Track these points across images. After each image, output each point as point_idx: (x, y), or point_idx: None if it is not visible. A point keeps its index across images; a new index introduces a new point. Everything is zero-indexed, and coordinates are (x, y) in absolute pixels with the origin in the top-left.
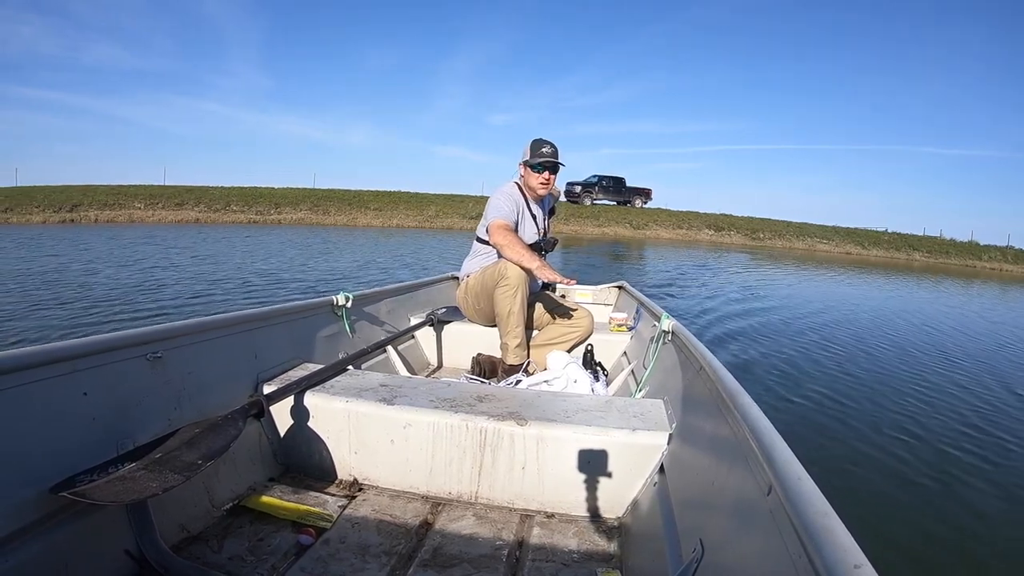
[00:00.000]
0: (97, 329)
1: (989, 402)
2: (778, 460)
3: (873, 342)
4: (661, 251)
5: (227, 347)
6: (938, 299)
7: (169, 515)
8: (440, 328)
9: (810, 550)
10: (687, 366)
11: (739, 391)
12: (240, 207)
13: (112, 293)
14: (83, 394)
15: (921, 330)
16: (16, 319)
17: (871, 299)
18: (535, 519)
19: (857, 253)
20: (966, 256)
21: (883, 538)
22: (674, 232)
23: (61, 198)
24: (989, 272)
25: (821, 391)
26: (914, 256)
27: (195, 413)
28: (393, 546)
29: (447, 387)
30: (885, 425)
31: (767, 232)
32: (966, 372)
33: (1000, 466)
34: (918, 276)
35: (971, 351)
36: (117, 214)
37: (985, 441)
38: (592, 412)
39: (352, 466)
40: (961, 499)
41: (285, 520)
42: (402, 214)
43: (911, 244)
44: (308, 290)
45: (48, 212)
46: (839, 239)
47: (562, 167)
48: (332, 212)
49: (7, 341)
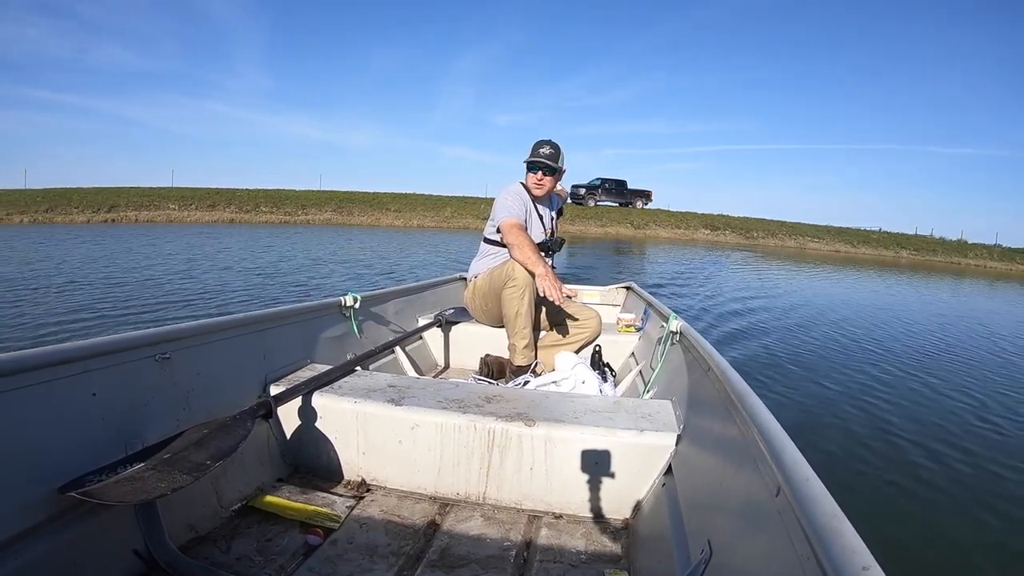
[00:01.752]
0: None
1: (1007, 405)
2: (787, 461)
3: (882, 341)
4: (660, 250)
5: (235, 348)
6: (947, 299)
7: (177, 515)
8: (448, 329)
9: (819, 551)
10: (695, 367)
11: (747, 392)
12: (269, 208)
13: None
14: (92, 394)
15: (937, 330)
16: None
17: (879, 298)
18: (543, 520)
19: (846, 251)
20: (952, 254)
21: (892, 540)
22: (672, 232)
23: (98, 199)
24: (974, 269)
25: (830, 390)
26: (901, 254)
27: (203, 413)
28: (401, 546)
29: (455, 388)
30: (895, 425)
31: (760, 231)
32: (984, 373)
33: (1016, 469)
34: (910, 274)
35: (989, 351)
36: (155, 214)
37: (1000, 443)
38: (600, 413)
39: (360, 467)
40: (972, 501)
41: (293, 520)
42: (420, 215)
43: (899, 243)
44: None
45: (88, 212)
46: (829, 238)
47: (562, 171)
48: (355, 213)
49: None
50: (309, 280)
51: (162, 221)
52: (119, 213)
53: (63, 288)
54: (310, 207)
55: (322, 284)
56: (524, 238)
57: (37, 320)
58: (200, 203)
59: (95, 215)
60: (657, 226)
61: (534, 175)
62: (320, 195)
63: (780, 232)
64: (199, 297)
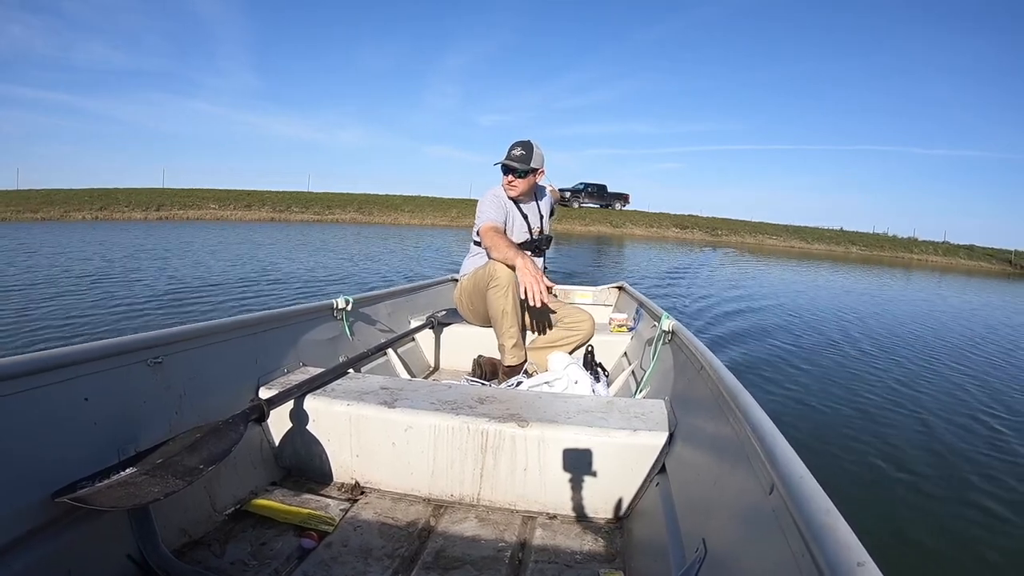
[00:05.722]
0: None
1: (993, 397)
2: (780, 459)
3: (871, 338)
4: (636, 247)
5: (228, 351)
6: (921, 295)
7: (171, 520)
8: (440, 330)
9: (813, 548)
10: (688, 366)
11: (740, 390)
12: (299, 208)
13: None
14: (84, 400)
15: (921, 326)
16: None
17: (859, 294)
18: (537, 521)
19: (801, 247)
20: (898, 249)
21: (886, 536)
22: (646, 230)
23: (146, 199)
24: (918, 263)
25: (821, 389)
26: (851, 249)
27: (196, 418)
28: (395, 549)
29: (448, 389)
30: (887, 422)
31: (725, 229)
32: (969, 367)
33: (1005, 462)
34: (863, 269)
35: (972, 345)
36: (201, 213)
37: (989, 437)
38: (593, 413)
39: (354, 469)
40: (964, 495)
41: (287, 524)
42: (431, 215)
43: (850, 239)
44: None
45: (139, 211)
46: (787, 235)
47: (536, 171)
48: (375, 213)
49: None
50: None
51: (209, 219)
52: (168, 211)
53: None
54: (335, 207)
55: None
56: (499, 239)
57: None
58: (236, 203)
59: (150, 213)
60: (633, 225)
61: (505, 177)
62: (341, 197)
63: (742, 230)
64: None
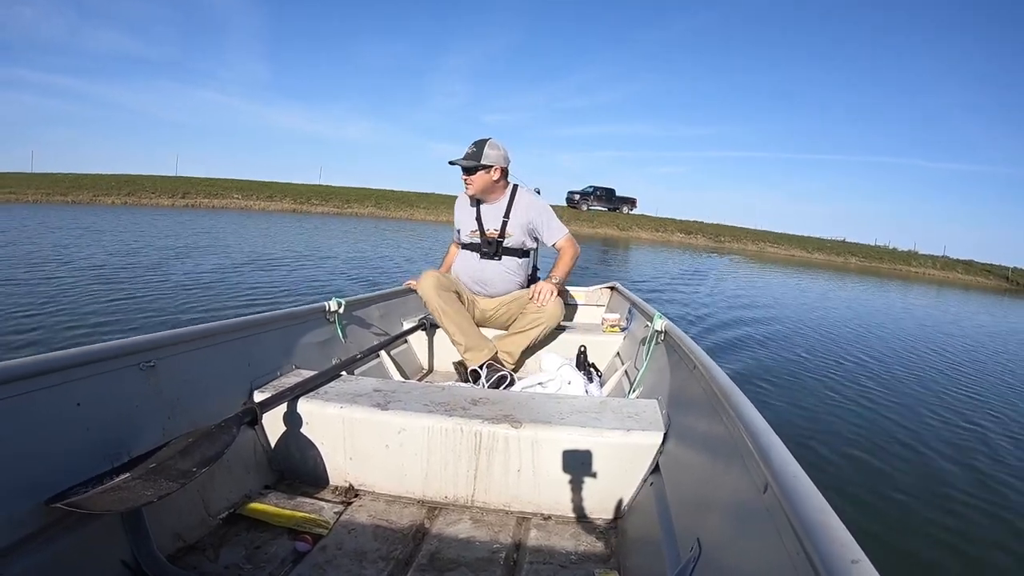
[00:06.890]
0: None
1: (983, 398)
2: (774, 458)
3: (866, 342)
4: (641, 250)
5: (220, 355)
6: (918, 303)
7: (164, 525)
8: (433, 332)
9: (807, 546)
10: (680, 366)
11: (733, 390)
12: (319, 201)
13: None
14: (76, 405)
15: (913, 330)
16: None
17: (857, 299)
18: (532, 521)
19: (801, 256)
20: (897, 262)
21: (880, 533)
22: (652, 234)
23: (171, 187)
24: (916, 276)
25: (815, 388)
26: (850, 260)
27: (189, 422)
28: (390, 551)
29: (441, 391)
30: (880, 421)
31: (728, 236)
32: (960, 369)
33: (995, 462)
34: (864, 279)
35: (964, 350)
36: (226, 202)
37: (979, 437)
38: (586, 413)
39: (347, 472)
40: (956, 494)
41: (281, 527)
42: (446, 212)
43: (850, 251)
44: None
45: (166, 197)
46: (788, 244)
47: (489, 167)
48: (392, 208)
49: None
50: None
51: (234, 208)
52: (193, 199)
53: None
54: (352, 201)
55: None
56: (446, 259)
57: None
58: (259, 194)
59: (172, 199)
60: (639, 228)
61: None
62: (358, 192)
63: (745, 237)
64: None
